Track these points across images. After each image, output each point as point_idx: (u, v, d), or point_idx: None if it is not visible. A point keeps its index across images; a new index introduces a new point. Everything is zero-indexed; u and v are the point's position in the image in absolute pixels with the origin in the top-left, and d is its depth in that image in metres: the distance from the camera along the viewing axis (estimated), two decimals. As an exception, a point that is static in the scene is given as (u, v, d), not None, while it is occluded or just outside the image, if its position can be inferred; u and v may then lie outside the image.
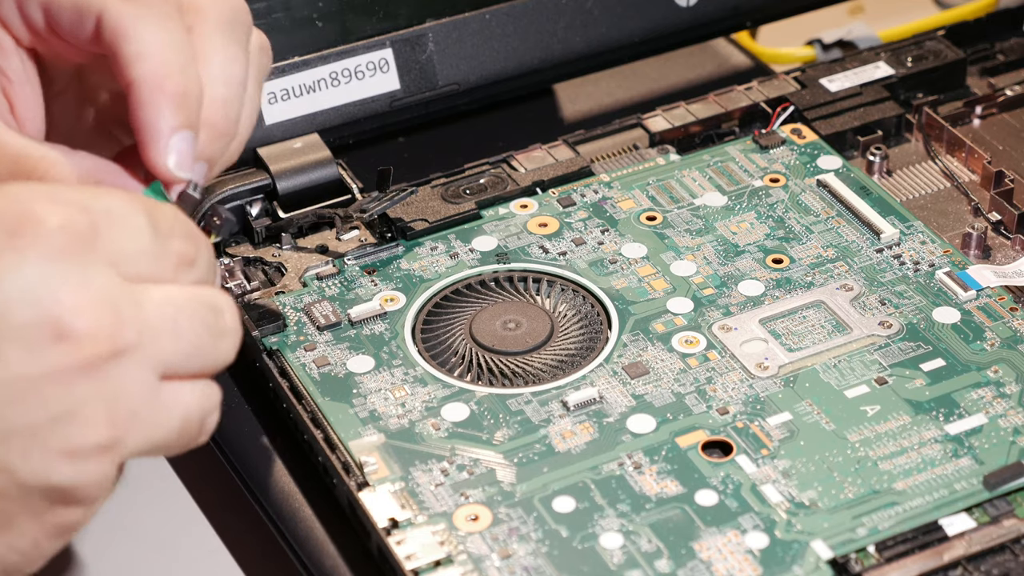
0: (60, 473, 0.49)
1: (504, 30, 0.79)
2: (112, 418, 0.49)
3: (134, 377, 0.49)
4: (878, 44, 0.89)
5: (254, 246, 0.72)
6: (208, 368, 0.52)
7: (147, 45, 0.54)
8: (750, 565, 0.58)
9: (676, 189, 0.75)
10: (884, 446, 0.62)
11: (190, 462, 0.68)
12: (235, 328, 0.52)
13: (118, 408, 0.49)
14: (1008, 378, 0.65)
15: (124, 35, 0.54)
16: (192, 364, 0.51)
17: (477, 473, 0.62)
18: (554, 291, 0.70)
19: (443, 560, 0.58)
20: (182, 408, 0.51)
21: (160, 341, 0.50)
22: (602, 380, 0.65)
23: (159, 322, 0.50)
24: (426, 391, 0.65)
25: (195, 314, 0.51)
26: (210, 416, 0.52)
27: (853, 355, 0.66)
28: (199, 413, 0.52)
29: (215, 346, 0.52)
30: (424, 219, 0.73)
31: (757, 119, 0.79)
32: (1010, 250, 0.72)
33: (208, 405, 0.52)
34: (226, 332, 0.52)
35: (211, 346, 0.51)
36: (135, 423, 0.49)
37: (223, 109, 0.57)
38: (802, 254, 0.71)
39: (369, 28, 0.77)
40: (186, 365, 0.51)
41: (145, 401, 0.50)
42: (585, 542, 0.59)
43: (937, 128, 0.78)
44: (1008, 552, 0.59)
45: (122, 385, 0.49)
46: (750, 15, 0.84)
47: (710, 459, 0.62)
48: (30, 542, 0.50)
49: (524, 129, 0.81)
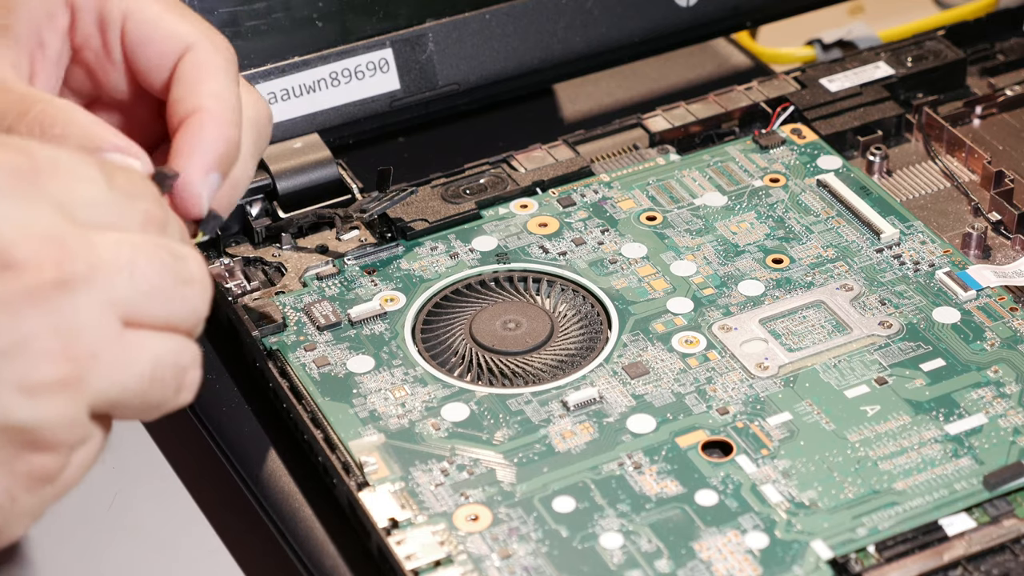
0: (18, 409, 0.48)
1: (504, 30, 0.79)
2: (68, 353, 0.48)
3: (89, 314, 0.49)
4: (878, 44, 0.89)
5: (254, 246, 0.72)
6: (177, 317, 0.51)
7: (224, 89, 0.59)
8: (750, 565, 0.58)
9: (676, 189, 0.75)
10: (884, 446, 0.62)
11: (190, 462, 0.68)
12: (201, 277, 0.52)
13: (75, 344, 0.48)
14: (1008, 378, 0.65)
15: (207, 76, 0.59)
16: (156, 310, 0.50)
17: (477, 473, 0.62)
18: (554, 291, 0.70)
19: (443, 560, 0.58)
20: (150, 355, 0.50)
21: (114, 279, 0.49)
22: (602, 380, 0.65)
23: (113, 259, 0.49)
24: (426, 391, 0.65)
25: (154, 256, 0.50)
26: (188, 373, 0.52)
27: (853, 355, 0.66)
28: (172, 365, 0.51)
29: (180, 293, 0.51)
30: (424, 219, 0.73)
31: (757, 119, 0.79)
32: (1010, 250, 0.72)
33: (183, 360, 0.52)
34: (191, 279, 0.51)
35: (174, 291, 0.51)
36: (96, 363, 0.49)
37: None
38: (802, 254, 0.71)
39: (369, 28, 0.77)
40: (149, 310, 0.50)
41: (105, 341, 0.49)
42: (585, 542, 0.59)
43: (937, 128, 0.78)
44: (1008, 552, 0.59)
45: (76, 320, 0.48)
46: (750, 15, 0.84)
47: (710, 459, 0.62)
48: (4, 493, 0.50)
49: (524, 129, 0.81)
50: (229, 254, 0.72)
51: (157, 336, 0.51)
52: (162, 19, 0.59)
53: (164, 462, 0.68)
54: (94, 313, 0.49)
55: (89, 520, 0.66)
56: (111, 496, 0.67)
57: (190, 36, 0.59)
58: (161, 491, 0.67)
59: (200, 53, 0.59)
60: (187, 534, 0.65)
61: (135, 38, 0.60)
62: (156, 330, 0.51)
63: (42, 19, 0.59)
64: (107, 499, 0.67)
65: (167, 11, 0.60)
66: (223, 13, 0.74)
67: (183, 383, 0.52)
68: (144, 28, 0.59)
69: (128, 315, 0.50)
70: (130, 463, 0.68)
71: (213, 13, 0.74)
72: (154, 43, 0.59)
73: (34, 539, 0.65)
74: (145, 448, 0.69)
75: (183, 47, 0.59)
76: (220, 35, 0.60)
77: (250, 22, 0.74)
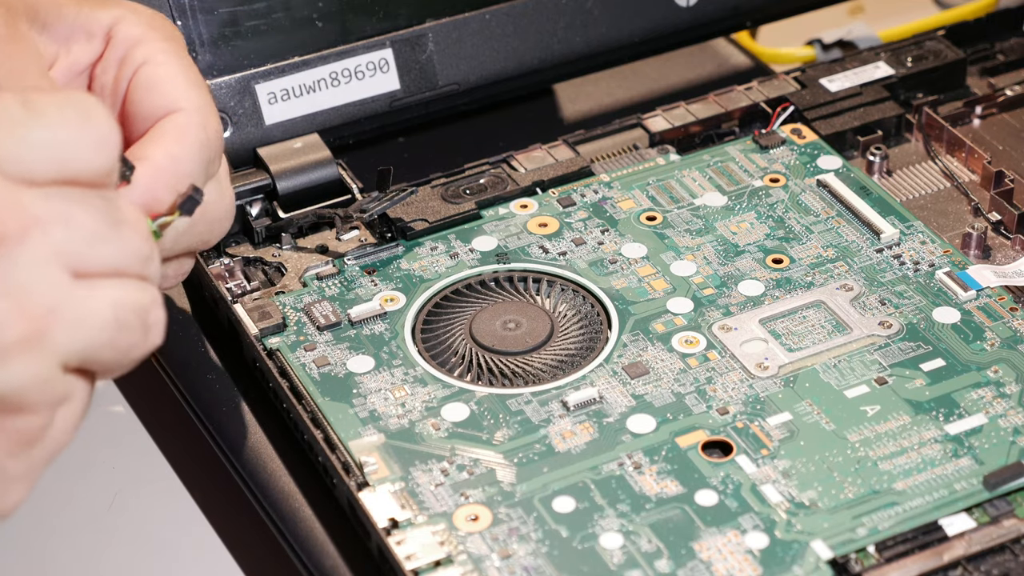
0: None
1: (504, 30, 0.79)
2: (23, 312, 0.48)
3: (33, 269, 0.49)
4: (878, 44, 0.89)
5: (254, 246, 0.72)
6: (121, 259, 0.51)
7: (187, 152, 0.59)
8: (750, 565, 0.58)
9: (676, 189, 0.75)
10: (884, 446, 0.62)
11: (190, 462, 0.68)
12: (134, 217, 0.52)
13: (28, 302, 0.48)
14: (1008, 378, 0.65)
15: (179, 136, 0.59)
16: (99, 254, 0.50)
17: (477, 473, 0.62)
18: (554, 291, 0.70)
19: (443, 560, 0.58)
20: (108, 301, 0.50)
21: (50, 231, 0.49)
22: (602, 380, 0.65)
23: (46, 213, 0.49)
24: (426, 391, 0.65)
25: (86, 202, 0.50)
26: (151, 312, 0.52)
27: (853, 355, 0.66)
28: (133, 307, 0.51)
29: (117, 233, 0.51)
30: (424, 219, 0.73)
31: (757, 119, 0.79)
32: (1010, 250, 0.72)
33: (143, 300, 0.51)
34: (125, 220, 0.51)
35: (112, 233, 0.50)
36: (56, 318, 0.49)
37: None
38: (802, 254, 0.71)
39: (369, 28, 0.77)
40: (93, 256, 0.50)
41: (59, 295, 0.49)
42: (585, 542, 0.59)
43: (937, 128, 0.78)
44: (1008, 552, 0.59)
45: (22, 278, 0.48)
46: (750, 15, 0.84)
47: (710, 459, 0.62)
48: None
49: (524, 129, 0.81)
50: (229, 254, 0.72)
51: (110, 282, 0.51)
52: (174, 77, 0.60)
53: (164, 462, 0.68)
54: (39, 268, 0.49)
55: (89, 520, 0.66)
56: (111, 496, 0.67)
57: (187, 102, 0.60)
58: (161, 491, 0.67)
59: (186, 118, 0.60)
60: (187, 534, 0.65)
61: (141, 82, 0.60)
62: (107, 277, 0.51)
63: (80, 35, 0.61)
64: (107, 499, 0.67)
65: (183, 73, 0.61)
66: (223, 13, 0.74)
67: (148, 323, 0.52)
68: (153, 77, 0.60)
69: (74, 265, 0.50)
70: (130, 463, 0.68)
71: (213, 13, 0.74)
72: (154, 93, 0.60)
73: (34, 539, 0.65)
74: (145, 448, 0.69)
75: (174, 108, 0.60)
76: (217, 117, 0.61)
77: (250, 22, 0.74)
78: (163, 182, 0.57)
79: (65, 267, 0.50)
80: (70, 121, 0.51)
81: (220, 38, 0.74)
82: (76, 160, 0.50)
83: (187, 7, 0.73)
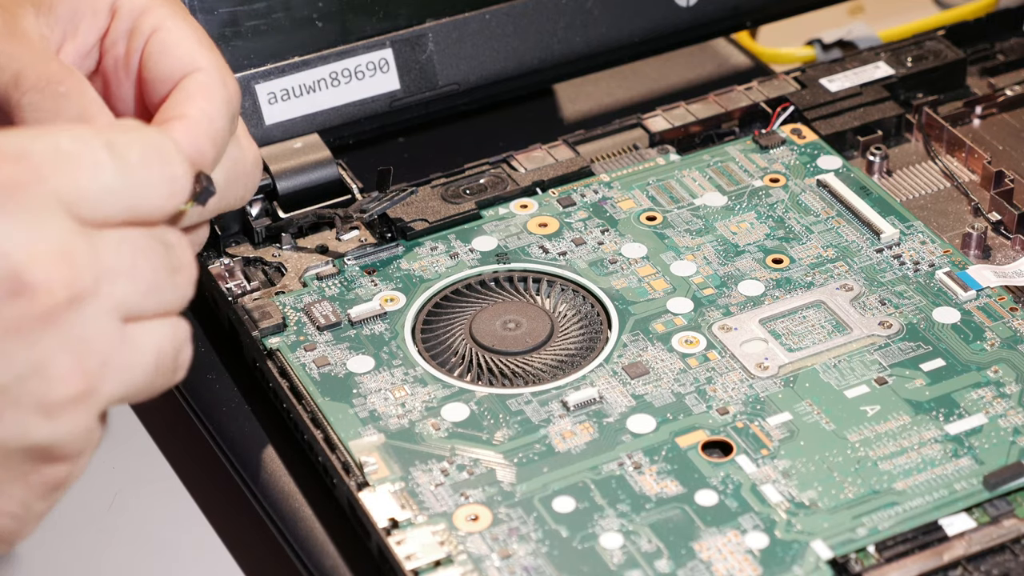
0: (38, 430, 0.48)
1: (504, 30, 0.79)
2: (82, 368, 0.48)
3: (97, 324, 0.49)
4: (878, 44, 0.89)
5: (254, 246, 0.72)
6: (169, 304, 0.51)
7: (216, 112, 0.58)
8: (750, 565, 0.58)
9: (676, 189, 0.75)
10: (884, 446, 0.62)
11: (190, 462, 0.68)
12: (189, 262, 0.52)
13: (87, 357, 0.48)
14: (1008, 378, 0.65)
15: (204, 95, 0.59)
16: (152, 303, 0.50)
17: (477, 473, 0.62)
18: (554, 291, 0.70)
19: (443, 560, 0.58)
20: (153, 347, 0.50)
21: (118, 284, 0.49)
22: (602, 380, 0.65)
23: (116, 265, 0.49)
24: (426, 391, 0.65)
25: (151, 252, 0.50)
26: (182, 351, 0.52)
27: (853, 355, 0.66)
28: (171, 349, 0.51)
29: (172, 281, 0.51)
30: (424, 219, 0.73)
31: (757, 119, 0.79)
32: (1010, 250, 0.72)
33: (178, 339, 0.52)
34: (181, 266, 0.51)
35: (168, 282, 0.51)
36: (107, 370, 0.49)
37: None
38: (802, 254, 0.71)
39: (369, 28, 0.77)
40: (147, 304, 0.50)
41: (113, 347, 0.49)
42: (585, 542, 0.59)
43: (937, 128, 0.78)
44: (1008, 552, 0.59)
45: (86, 333, 0.48)
46: (750, 15, 0.84)
47: (710, 459, 0.62)
48: (20, 504, 0.50)
49: (524, 129, 0.81)
50: (229, 254, 0.72)
51: (155, 324, 0.51)
52: (187, 39, 0.60)
53: (164, 462, 0.68)
54: (102, 322, 0.49)
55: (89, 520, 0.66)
56: (111, 496, 0.67)
57: (205, 62, 0.60)
58: (161, 491, 0.67)
59: (207, 76, 0.59)
60: (187, 534, 0.65)
61: (155, 48, 0.60)
62: (152, 319, 0.51)
63: (85, 12, 0.60)
64: (107, 499, 0.67)
65: (194, 35, 0.61)
66: (223, 13, 0.74)
67: (179, 363, 0.52)
68: (165, 43, 0.60)
69: (129, 313, 0.50)
70: (130, 463, 0.68)
71: (213, 13, 0.74)
72: (170, 57, 0.60)
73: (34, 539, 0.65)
74: (145, 448, 0.69)
75: (192, 68, 0.59)
76: (232, 75, 0.60)
77: (250, 22, 0.74)
78: (205, 134, 0.57)
79: (121, 316, 0.50)
80: (152, 167, 0.51)
81: (220, 38, 0.74)
82: (150, 205, 0.51)
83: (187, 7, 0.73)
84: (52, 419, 0.48)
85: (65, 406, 0.48)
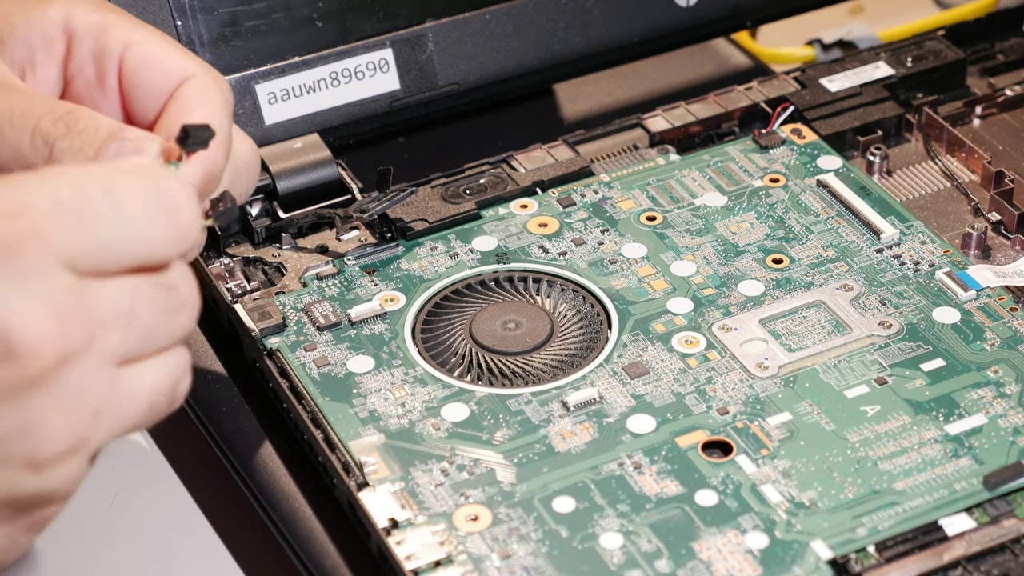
0: (27, 484, 0.48)
1: (504, 30, 0.79)
2: (74, 423, 0.48)
3: (90, 377, 0.48)
4: (878, 44, 0.89)
5: (254, 246, 0.72)
6: (167, 344, 0.50)
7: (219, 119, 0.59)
8: (750, 565, 0.58)
9: (676, 189, 0.75)
10: (884, 446, 0.62)
11: (190, 463, 0.68)
12: (191, 298, 0.51)
13: (78, 412, 0.48)
14: (1008, 378, 0.65)
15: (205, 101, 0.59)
16: (150, 345, 0.50)
17: (477, 473, 0.62)
18: (554, 291, 0.70)
19: (443, 560, 0.58)
20: (148, 389, 0.50)
21: (114, 334, 0.48)
22: (602, 380, 0.65)
23: (113, 315, 0.48)
24: (426, 391, 0.65)
25: (151, 299, 0.49)
26: (179, 385, 0.51)
27: (853, 355, 0.66)
28: (167, 388, 0.51)
29: (171, 322, 0.50)
30: (424, 219, 0.73)
31: (757, 119, 0.79)
32: (1010, 250, 0.72)
33: (175, 375, 0.51)
34: (183, 306, 0.51)
35: (167, 323, 0.50)
36: (100, 419, 0.49)
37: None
38: (802, 254, 0.71)
39: (369, 28, 0.77)
40: (144, 347, 0.50)
41: (106, 396, 0.48)
42: (585, 542, 0.59)
43: (937, 128, 0.78)
44: (1008, 552, 0.59)
45: (78, 388, 0.48)
46: (750, 15, 0.84)
47: (710, 459, 0.62)
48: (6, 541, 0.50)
49: (524, 129, 0.81)
50: (229, 254, 0.72)
51: (150, 365, 0.50)
52: (166, 50, 0.60)
53: (164, 462, 0.68)
54: (94, 374, 0.48)
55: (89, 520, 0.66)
56: (111, 496, 0.67)
57: (192, 68, 0.59)
58: (161, 491, 0.67)
59: (200, 82, 0.59)
60: (187, 534, 0.65)
61: (135, 65, 0.59)
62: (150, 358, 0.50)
63: (38, 43, 0.59)
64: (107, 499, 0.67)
65: (170, 45, 0.60)
66: (223, 13, 0.74)
67: (175, 397, 0.52)
68: (146, 56, 0.59)
69: (124, 358, 0.49)
70: (130, 463, 0.68)
71: (213, 13, 0.74)
72: (155, 70, 0.59)
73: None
74: (145, 448, 0.69)
75: (184, 75, 0.59)
76: (219, 74, 0.61)
77: (250, 22, 0.74)
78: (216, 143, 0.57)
79: (116, 362, 0.49)
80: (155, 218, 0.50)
81: (220, 38, 0.74)
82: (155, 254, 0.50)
83: (187, 7, 0.73)
84: (42, 474, 0.48)
85: (55, 461, 0.48)
